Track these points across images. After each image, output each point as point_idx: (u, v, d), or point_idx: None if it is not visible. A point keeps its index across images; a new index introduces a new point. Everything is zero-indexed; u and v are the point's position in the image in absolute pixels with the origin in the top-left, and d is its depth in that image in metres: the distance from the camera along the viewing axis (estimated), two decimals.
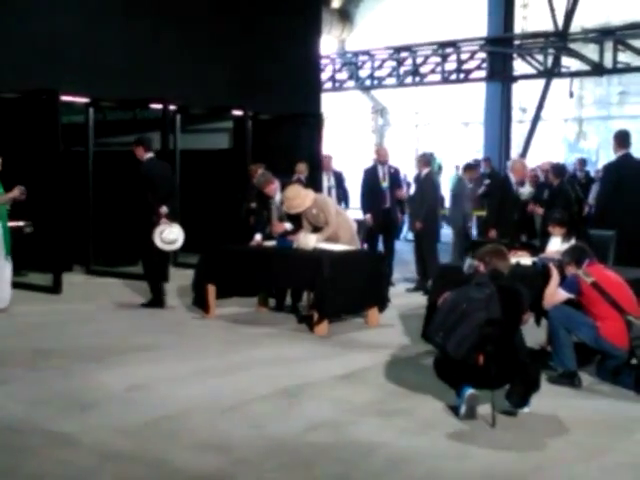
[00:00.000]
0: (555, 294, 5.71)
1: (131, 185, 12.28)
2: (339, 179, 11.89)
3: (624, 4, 23.19)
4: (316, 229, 8.12)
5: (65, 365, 6.07)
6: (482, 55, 20.58)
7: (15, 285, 9.78)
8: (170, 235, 8.20)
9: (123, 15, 11.50)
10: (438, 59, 21.79)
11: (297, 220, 8.20)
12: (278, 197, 8.45)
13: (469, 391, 4.71)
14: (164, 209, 8.24)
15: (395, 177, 10.56)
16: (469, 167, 12.37)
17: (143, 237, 8.26)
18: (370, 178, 10.52)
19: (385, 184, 10.29)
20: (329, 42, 27.44)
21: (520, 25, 23.21)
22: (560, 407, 5.13)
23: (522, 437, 4.58)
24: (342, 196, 11.76)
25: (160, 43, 11.90)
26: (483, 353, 4.72)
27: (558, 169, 9.36)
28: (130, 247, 12.27)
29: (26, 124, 10.16)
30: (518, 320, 5.02)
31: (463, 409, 4.73)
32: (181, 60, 12.14)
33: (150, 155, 8.56)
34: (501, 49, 19.67)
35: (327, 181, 11.53)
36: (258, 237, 8.27)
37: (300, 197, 8.02)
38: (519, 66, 21.03)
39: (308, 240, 7.80)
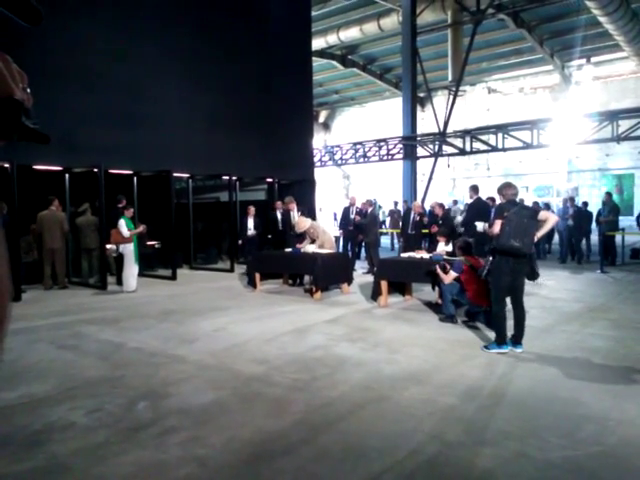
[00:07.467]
0: (450, 276, 5.67)
1: (212, 219, 12.14)
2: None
3: (475, 116, 23.44)
4: (313, 241, 8.14)
5: (179, 318, 6.07)
6: (400, 146, 20.57)
7: (149, 275, 9.77)
8: None
9: (209, 125, 11.34)
10: (377, 148, 21.77)
11: (303, 235, 8.20)
12: (295, 212, 9.18)
13: (506, 349, 4.44)
14: None
15: (360, 213, 10.39)
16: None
17: None
18: (345, 213, 10.52)
19: (352, 216, 10.27)
20: (318, 140, 27.42)
21: (420, 128, 23.23)
22: (445, 334, 5.14)
23: (427, 351, 4.57)
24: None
25: (227, 140, 11.80)
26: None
27: (442, 205, 9.33)
28: (210, 252, 12.23)
29: (155, 189, 10.15)
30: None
31: (493, 350, 4.44)
32: (238, 150, 12.05)
33: None
34: (410, 142, 19.66)
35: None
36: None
37: (303, 222, 8.06)
38: (420, 151, 21.04)
39: (308, 248, 7.83)
